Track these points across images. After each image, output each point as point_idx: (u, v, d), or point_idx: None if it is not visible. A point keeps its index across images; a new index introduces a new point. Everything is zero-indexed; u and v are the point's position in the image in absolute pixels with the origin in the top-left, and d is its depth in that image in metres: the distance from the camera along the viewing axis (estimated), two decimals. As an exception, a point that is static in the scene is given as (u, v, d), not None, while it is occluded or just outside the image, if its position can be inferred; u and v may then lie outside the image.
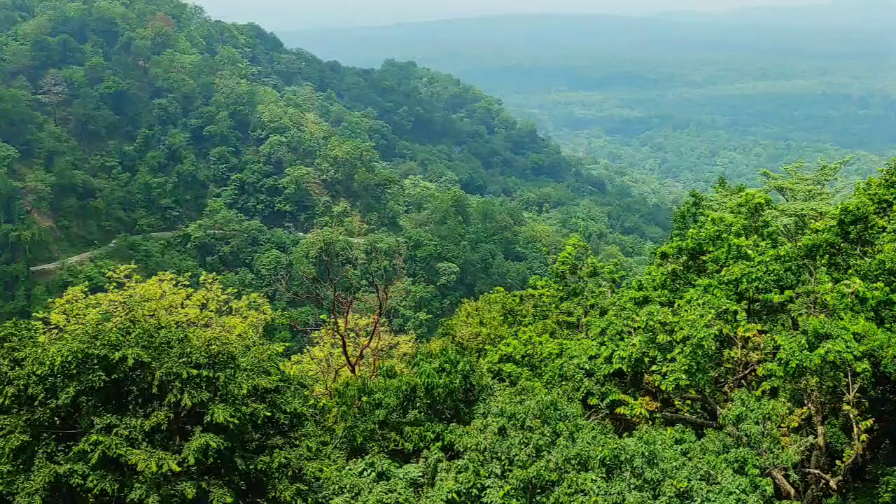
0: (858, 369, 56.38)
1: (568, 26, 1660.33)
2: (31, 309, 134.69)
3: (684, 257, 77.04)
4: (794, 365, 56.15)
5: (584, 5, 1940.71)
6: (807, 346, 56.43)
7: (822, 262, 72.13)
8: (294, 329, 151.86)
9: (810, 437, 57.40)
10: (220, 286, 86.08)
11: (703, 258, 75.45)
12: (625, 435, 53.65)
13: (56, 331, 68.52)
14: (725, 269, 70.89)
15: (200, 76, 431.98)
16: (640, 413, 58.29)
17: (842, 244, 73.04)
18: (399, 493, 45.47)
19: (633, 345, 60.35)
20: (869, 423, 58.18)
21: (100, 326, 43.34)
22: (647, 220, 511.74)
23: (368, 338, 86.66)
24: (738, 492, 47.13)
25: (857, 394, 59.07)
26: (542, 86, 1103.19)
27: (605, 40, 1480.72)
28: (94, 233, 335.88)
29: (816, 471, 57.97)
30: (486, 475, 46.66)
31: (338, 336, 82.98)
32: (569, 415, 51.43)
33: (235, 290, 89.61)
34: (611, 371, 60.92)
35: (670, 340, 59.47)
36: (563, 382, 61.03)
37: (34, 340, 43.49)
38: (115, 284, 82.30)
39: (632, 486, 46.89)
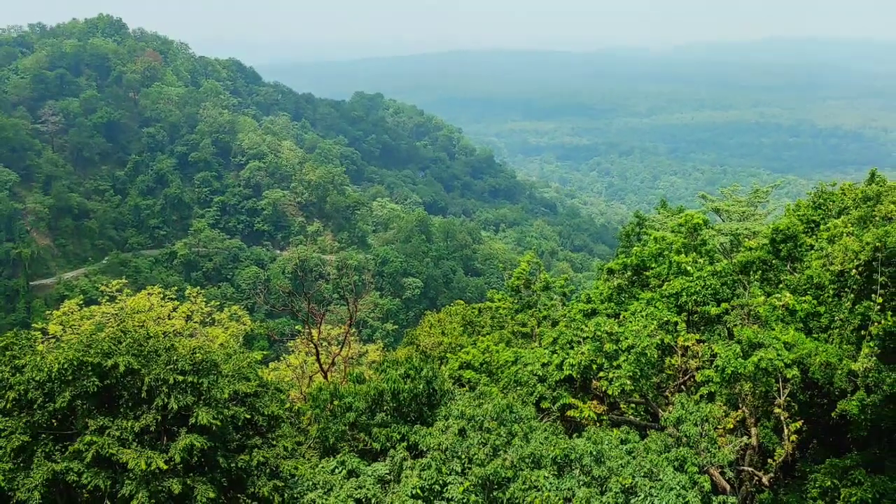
0: (788, 375, 56.83)
1: (522, 61, 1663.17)
2: (31, 320, 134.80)
3: (629, 273, 77.44)
4: (729, 371, 56.54)
5: (537, 42, 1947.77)
6: (741, 354, 56.83)
7: (756, 277, 72.59)
8: (271, 339, 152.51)
9: (744, 438, 57.74)
10: (204, 299, 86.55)
11: (647, 273, 75.85)
12: (574, 436, 53.85)
13: (53, 340, 68.68)
14: (667, 283, 71.25)
15: (186, 107, 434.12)
16: (589, 416, 58.56)
17: (773, 261, 73.58)
18: (368, 489, 45.61)
19: (582, 353, 60.63)
20: (798, 424, 58.72)
21: (93, 336, 43.38)
22: (594, 238, 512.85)
23: (340, 347, 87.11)
24: (678, 488, 47.39)
25: (788, 398, 59.57)
26: (498, 116, 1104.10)
27: (557, 74, 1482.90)
28: (89, 250, 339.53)
29: (750, 469, 58.32)
30: (448, 472, 46.86)
31: (311, 345, 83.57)
32: (523, 417, 51.73)
33: (218, 303, 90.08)
34: (562, 377, 61.11)
35: (616, 349, 59.80)
36: (518, 387, 61.22)
37: (33, 349, 43.74)
38: (107, 298, 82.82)
39: (581, 483, 47.16)
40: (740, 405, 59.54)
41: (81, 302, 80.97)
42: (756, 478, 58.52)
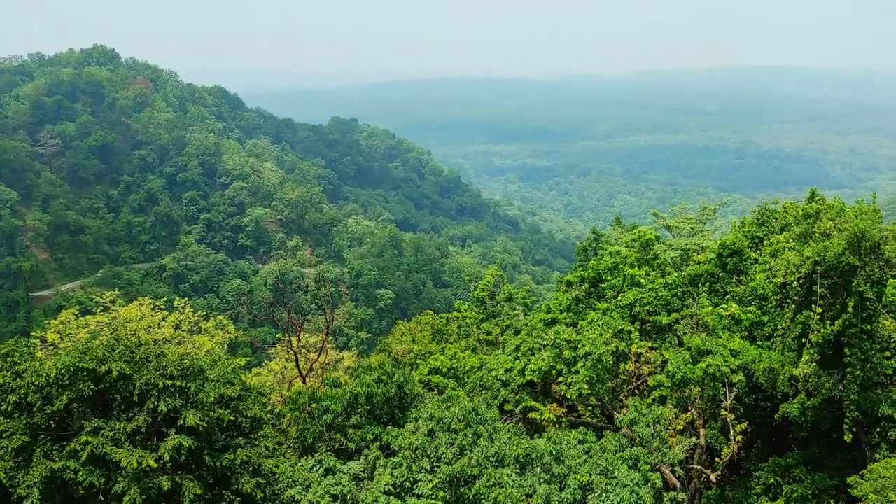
0: (734, 380, 57.33)
1: (488, 89, 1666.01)
2: (31, 329, 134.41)
3: (586, 285, 77.57)
4: (679, 377, 56.90)
5: (502, 71, 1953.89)
6: (690, 360, 57.21)
7: (704, 289, 72.99)
8: (254, 346, 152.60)
9: (693, 439, 58.05)
10: (191, 310, 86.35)
11: (603, 285, 76.00)
12: (535, 436, 54.09)
13: (51, 348, 68.44)
14: (621, 295, 71.48)
15: (174, 131, 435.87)
16: (549, 418, 58.78)
17: (720, 274, 73.98)
18: (343, 486, 45.80)
19: (543, 359, 60.87)
20: (743, 426, 59.18)
21: (88, 344, 43.86)
22: (554, 253, 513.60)
23: (317, 353, 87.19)
24: (631, 485, 47.68)
25: (734, 401, 60.04)
26: (465, 139, 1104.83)
27: (520, 100, 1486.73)
28: (84, 264, 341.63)
29: (699, 467, 58.66)
30: (418, 470, 47.07)
31: (291, 352, 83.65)
32: (488, 419, 51.88)
33: (204, 313, 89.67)
34: (523, 382, 61.39)
35: (574, 356, 60.07)
36: (483, 391, 61.41)
37: (33, 356, 44.15)
38: (101, 308, 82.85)
39: (541, 480, 47.45)
40: (690, 408, 59.87)
41: (77, 312, 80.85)
42: (704, 475, 58.88)
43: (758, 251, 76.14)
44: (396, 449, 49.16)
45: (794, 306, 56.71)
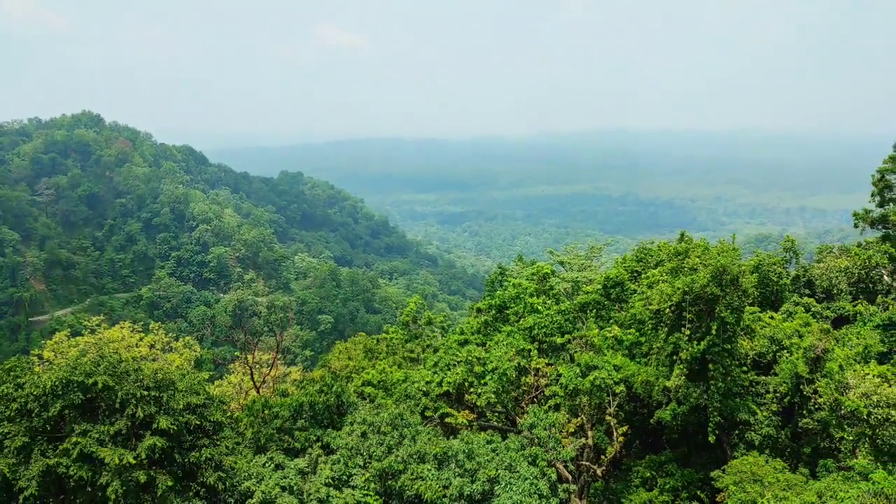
0: (617, 391, 58.09)
1: (412, 147, 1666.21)
2: (30, 349, 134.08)
3: (493, 311, 78.23)
4: (571, 387, 57.56)
5: (423, 132, 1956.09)
6: (580, 374, 57.86)
7: (591, 314, 73.77)
8: (216, 362, 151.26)
9: (583, 439, 58.56)
10: (164, 332, 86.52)
11: (507, 311, 76.65)
12: (451, 438, 54.34)
13: (47, 364, 68.17)
14: (523, 319, 72.20)
15: (150, 182, 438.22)
16: (462, 422, 59.18)
17: (605, 302, 74.88)
18: (291, 479, 46.15)
19: (457, 373, 61.31)
20: (624, 429, 59.86)
21: (78, 360, 44.80)
22: (467, 284, 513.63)
23: (269, 368, 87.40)
24: (531, 478, 48.27)
25: (616, 408, 60.65)
26: (393, 189, 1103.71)
27: (438, 157, 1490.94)
28: (75, 294, 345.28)
29: (587, 463, 59.16)
30: (353, 466, 47.60)
31: (247, 367, 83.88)
32: (411, 423, 52.25)
33: (174, 335, 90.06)
34: (441, 392, 61.77)
35: (483, 370, 60.65)
36: (408, 400, 61.60)
37: (32, 370, 45.19)
38: (89, 331, 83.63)
39: (456, 474, 47.87)
40: (580, 414, 60.38)
41: (69, 334, 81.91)
42: (592, 470, 59.40)
43: (636, 283, 77.18)
44: (335, 448, 49.56)
45: (666, 329, 57.66)
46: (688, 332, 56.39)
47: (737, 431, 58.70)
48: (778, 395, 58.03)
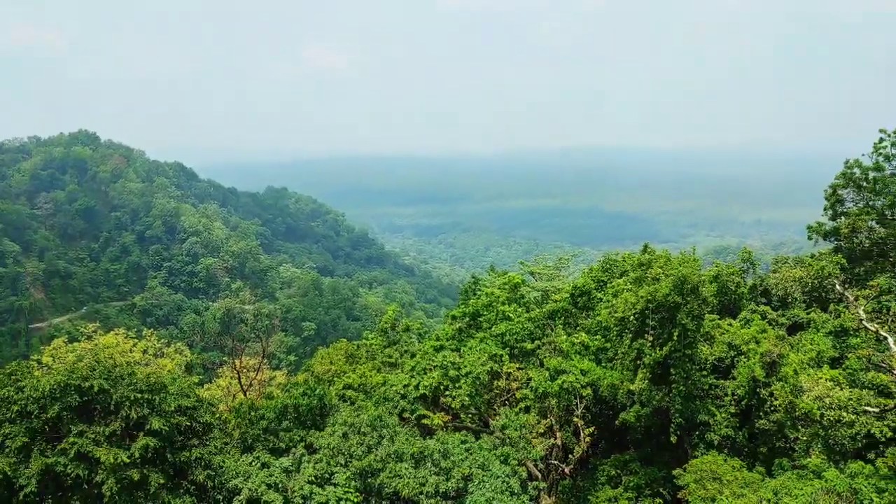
0: (584, 394, 58.36)
1: (392, 163, 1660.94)
2: (30, 354, 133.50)
3: (467, 318, 78.47)
4: (540, 391, 57.82)
5: (400, 148, 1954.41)
6: (549, 378, 58.16)
7: (560, 321, 74.00)
8: (206, 367, 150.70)
9: (552, 439, 58.82)
10: (156, 338, 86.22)
11: (480, 319, 76.87)
12: (427, 438, 54.29)
13: (46, 368, 67.88)
14: (495, 326, 72.38)
15: (143, 197, 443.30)
16: (438, 423, 59.28)
17: (573, 310, 75.10)
18: (276, 477, 46.22)
19: (433, 377, 61.48)
20: (591, 430, 60.12)
21: (75, 365, 45.21)
22: (442, 293, 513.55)
23: (255, 372, 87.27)
24: (503, 476, 48.52)
25: (583, 410, 60.89)
26: (373, 203, 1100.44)
27: (416, 173, 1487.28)
28: (72, 302, 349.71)
29: (556, 462, 59.43)
30: (335, 465, 47.68)
31: (235, 371, 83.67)
32: (390, 424, 52.31)
33: (166, 341, 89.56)
34: (418, 395, 61.90)
35: (458, 374, 60.84)
36: (386, 402, 61.71)
37: (31, 374, 45.10)
38: (85, 337, 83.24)
39: (432, 472, 48.05)
40: (549, 415, 60.59)
41: (66, 340, 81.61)
42: (560, 468, 59.65)
43: (602, 292, 77.34)
44: (318, 448, 49.58)
45: (630, 335, 57.91)
46: (651, 339, 56.70)
47: (697, 432, 58.89)
48: (736, 397, 58.28)
